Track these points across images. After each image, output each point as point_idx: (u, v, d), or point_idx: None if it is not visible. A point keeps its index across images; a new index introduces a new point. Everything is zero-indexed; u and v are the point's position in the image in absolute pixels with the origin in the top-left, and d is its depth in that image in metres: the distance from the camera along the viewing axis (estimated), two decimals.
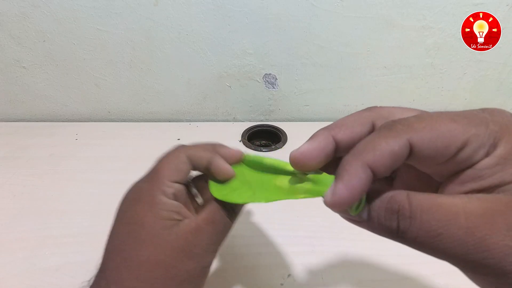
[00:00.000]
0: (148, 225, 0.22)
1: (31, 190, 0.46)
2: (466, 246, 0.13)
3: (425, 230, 0.14)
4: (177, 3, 0.52)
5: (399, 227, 0.15)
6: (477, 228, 0.13)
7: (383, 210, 0.15)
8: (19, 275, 0.34)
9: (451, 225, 0.14)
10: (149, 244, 0.22)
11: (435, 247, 0.14)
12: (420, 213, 0.14)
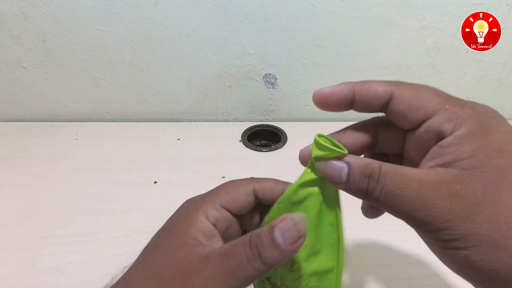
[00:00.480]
0: (173, 234, 0.21)
1: (31, 190, 0.46)
2: (413, 205, 0.17)
3: (385, 191, 0.17)
4: (177, 3, 0.52)
5: (368, 188, 0.18)
6: (426, 191, 0.16)
7: (359, 174, 0.19)
8: (19, 275, 0.34)
9: (406, 188, 0.17)
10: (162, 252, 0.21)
11: (391, 205, 0.17)
12: (385, 178, 0.17)
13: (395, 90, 0.19)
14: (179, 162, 0.52)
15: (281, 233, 0.18)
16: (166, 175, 0.49)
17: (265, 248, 0.18)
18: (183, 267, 0.19)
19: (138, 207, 0.43)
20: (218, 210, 0.22)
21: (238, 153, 0.55)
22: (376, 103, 0.20)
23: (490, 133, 0.17)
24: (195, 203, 0.23)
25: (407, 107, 0.19)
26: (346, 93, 0.21)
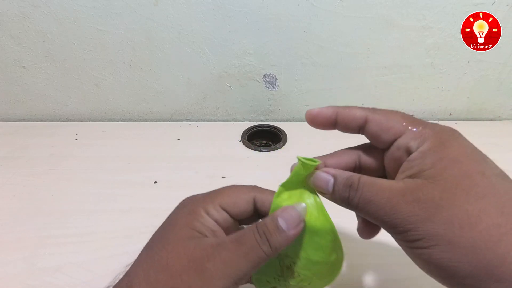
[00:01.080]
0: (179, 228, 0.22)
1: (31, 190, 0.46)
2: (385, 209, 0.20)
3: (362, 198, 0.20)
4: (177, 3, 0.52)
5: (349, 196, 0.21)
6: (394, 198, 0.19)
7: (342, 184, 0.22)
8: (19, 275, 0.34)
9: (378, 195, 0.20)
10: (169, 245, 0.21)
11: (367, 211, 0.20)
12: (362, 187, 0.21)
13: (369, 114, 0.23)
14: (179, 162, 0.52)
15: (284, 220, 0.22)
16: (166, 175, 0.49)
17: (271, 234, 0.21)
18: (195, 255, 0.20)
19: (138, 207, 0.43)
20: (218, 211, 0.23)
21: (238, 153, 0.55)
22: (354, 125, 0.23)
23: (446, 148, 0.20)
24: (197, 201, 0.24)
25: (379, 129, 0.22)
26: (330, 114, 0.24)
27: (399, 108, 0.73)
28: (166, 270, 0.20)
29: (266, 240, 0.21)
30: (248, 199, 0.25)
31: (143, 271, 0.21)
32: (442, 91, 0.64)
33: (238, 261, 0.20)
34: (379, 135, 0.22)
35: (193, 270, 0.20)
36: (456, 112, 0.67)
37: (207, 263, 0.20)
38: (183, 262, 0.20)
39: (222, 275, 0.20)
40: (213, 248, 0.21)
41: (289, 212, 0.22)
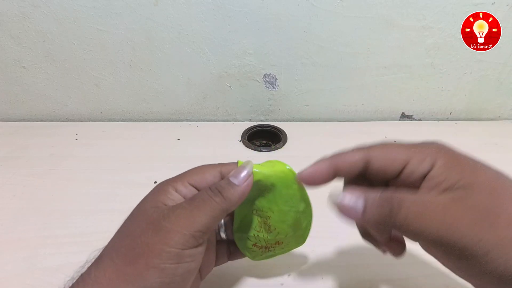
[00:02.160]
0: (145, 203, 0.24)
1: (31, 190, 0.46)
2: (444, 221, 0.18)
3: (411, 212, 0.19)
4: (177, 3, 0.52)
5: (392, 212, 0.19)
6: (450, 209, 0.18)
7: (377, 200, 0.20)
8: (19, 275, 0.34)
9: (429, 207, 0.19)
10: (135, 219, 0.23)
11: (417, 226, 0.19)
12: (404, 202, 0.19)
13: (367, 154, 0.23)
14: (179, 162, 0.52)
15: (235, 177, 0.24)
16: (166, 175, 0.48)
17: (224, 188, 0.23)
18: (153, 218, 0.22)
19: None
20: (186, 187, 0.25)
21: (238, 153, 0.55)
22: (356, 170, 0.23)
23: (459, 159, 0.21)
24: (166, 181, 0.26)
25: (384, 164, 0.22)
26: (326, 171, 0.23)
27: (399, 108, 0.73)
28: (128, 236, 0.22)
29: (218, 192, 0.23)
30: (215, 174, 0.25)
31: (112, 243, 0.23)
32: (442, 91, 0.64)
33: (192, 214, 0.21)
34: (386, 169, 0.22)
35: (151, 230, 0.21)
36: (456, 112, 0.67)
37: (162, 221, 0.21)
38: (142, 225, 0.22)
39: (178, 229, 0.21)
40: (169, 209, 0.22)
41: (239, 170, 0.24)
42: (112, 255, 0.21)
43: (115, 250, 0.22)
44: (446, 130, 0.63)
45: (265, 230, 0.28)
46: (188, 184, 0.25)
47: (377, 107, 0.66)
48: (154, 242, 0.20)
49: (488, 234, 0.18)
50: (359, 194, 0.21)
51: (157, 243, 0.20)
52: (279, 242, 0.29)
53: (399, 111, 0.66)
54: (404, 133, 0.61)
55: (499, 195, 0.19)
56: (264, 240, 0.28)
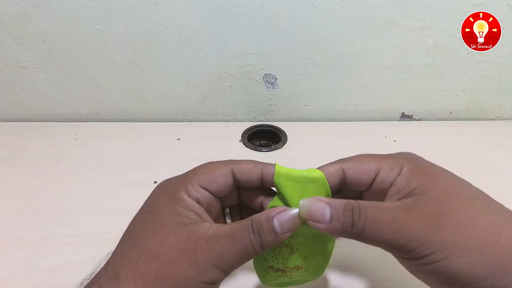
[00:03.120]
0: (164, 216, 0.22)
1: (31, 190, 0.46)
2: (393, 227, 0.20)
3: (369, 219, 0.20)
4: (177, 3, 0.52)
5: (353, 221, 0.21)
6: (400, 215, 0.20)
7: (342, 210, 0.21)
8: (19, 275, 0.34)
9: (384, 214, 0.20)
10: (157, 235, 0.21)
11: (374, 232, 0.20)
12: (365, 209, 0.21)
13: (343, 166, 0.24)
14: (179, 162, 0.52)
15: (280, 223, 0.22)
16: (166, 175, 0.48)
17: (265, 234, 0.21)
18: (188, 247, 0.20)
19: (138, 207, 0.43)
20: (198, 190, 0.24)
21: (238, 153, 0.55)
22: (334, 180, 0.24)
23: (422, 168, 0.22)
24: (174, 184, 0.24)
25: (358, 173, 0.24)
26: None
27: (399, 108, 0.73)
28: (157, 261, 0.20)
29: (259, 242, 0.21)
30: (226, 173, 0.25)
31: (130, 262, 0.20)
32: (442, 91, 0.64)
33: (231, 258, 0.21)
34: (360, 179, 0.24)
35: (187, 261, 0.20)
36: (456, 112, 0.67)
37: (200, 256, 0.20)
38: (175, 252, 0.20)
39: (215, 268, 0.20)
40: (207, 242, 0.21)
41: (285, 216, 0.22)
42: (136, 280, 0.20)
43: (139, 275, 0.20)
44: (446, 130, 0.63)
45: (285, 252, 0.25)
46: (198, 187, 0.24)
47: (377, 107, 0.66)
48: (193, 277, 0.20)
49: (433, 237, 0.19)
50: (327, 202, 0.22)
51: (196, 278, 0.20)
52: (298, 267, 0.26)
53: (399, 111, 0.66)
54: (404, 133, 0.61)
55: (450, 202, 0.20)
56: (283, 263, 0.26)
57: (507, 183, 0.48)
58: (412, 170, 0.22)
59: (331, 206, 0.22)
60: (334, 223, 0.21)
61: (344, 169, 0.24)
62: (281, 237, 0.22)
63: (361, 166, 0.24)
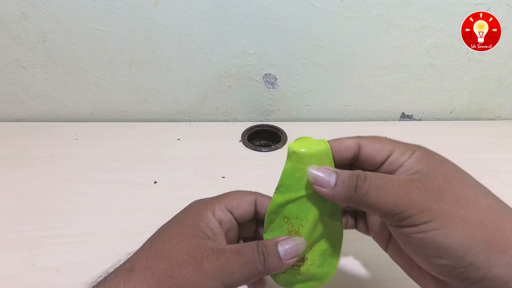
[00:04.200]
0: (185, 226, 0.24)
1: (31, 190, 0.46)
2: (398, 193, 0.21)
3: (373, 184, 0.21)
4: (177, 3, 0.52)
5: (357, 184, 0.22)
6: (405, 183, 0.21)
7: (347, 176, 0.23)
8: (19, 275, 0.34)
9: (389, 181, 0.22)
10: (174, 239, 0.23)
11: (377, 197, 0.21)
12: (370, 176, 0.22)
13: (360, 141, 0.26)
14: (179, 162, 0.52)
15: (284, 249, 0.23)
16: (166, 175, 0.49)
17: (269, 256, 0.23)
18: (196, 253, 0.22)
19: (138, 207, 0.43)
20: (224, 212, 0.26)
21: (238, 153, 0.55)
22: (349, 153, 0.26)
23: (431, 155, 0.24)
24: (205, 203, 0.26)
25: (373, 151, 0.25)
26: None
27: (399, 108, 0.73)
28: (167, 260, 0.22)
29: (263, 261, 0.23)
30: (251, 201, 0.27)
31: (146, 258, 0.23)
32: (442, 91, 0.64)
33: (233, 270, 0.22)
34: (373, 156, 0.25)
35: (192, 265, 0.22)
36: (456, 111, 0.67)
37: (205, 262, 0.22)
38: (184, 256, 0.22)
39: (216, 277, 0.22)
40: (213, 252, 0.22)
41: (290, 243, 0.24)
42: (146, 273, 0.22)
43: (150, 269, 0.22)
44: (446, 130, 0.63)
45: None
46: (225, 208, 0.26)
47: (377, 107, 0.66)
48: (193, 281, 0.21)
49: (432, 206, 0.20)
50: (334, 170, 0.24)
51: (196, 282, 0.21)
52: (304, 258, 0.27)
53: (399, 111, 0.66)
54: (404, 133, 0.61)
55: (452, 181, 0.21)
56: None
57: (507, 183, 0.48)
58: (422, 155, 0.23)
59: (337, 173, 0.23)
60: (338, 187, 0.23)
61: (361, 144, 0.25)
62: (285, 262, 0.23)
63: (377, 145, 0.25)
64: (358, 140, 0.26)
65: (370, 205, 0.22)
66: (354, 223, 0.30)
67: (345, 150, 0.25)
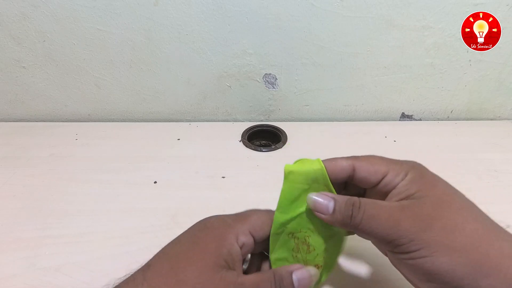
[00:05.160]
0: (207, 254, 0.24)
1: (31, 190, 0.46)
2: (388, 223, 0.22)
3: (366, 214, 0.23)
4: (177, 3, 0.52)
5: (352, 214, 0.24)
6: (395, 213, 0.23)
7: (344, 204, 0.24)
8: (19, 275, 0.34)
9: (381, 211, 0.23)
10: (196, 269, 0.23)
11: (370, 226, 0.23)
12: (364, 206, 0.24)
13: (355, 162, 0.26)
14: (179, 162, 0.52)
15: (297, 279, 0.25)
16: (166, 175, 0.49)
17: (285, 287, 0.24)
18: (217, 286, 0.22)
19: (138, 207, 0.43)
20: (247, 236, 0.26)
21: (238, 153, 0.55)
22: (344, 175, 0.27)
23: (424, 176, 0.25)
24: (227, 225, 0.26)
25: (368, 173, 0.26)
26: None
27: (399, 108, 0.73)
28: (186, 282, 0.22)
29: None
30: (269, 222, 0.27)
31: (166, 285, 0.22)
32: (442, 91, 0.64)
33: None
34: (368, 178, 0.26)
35: None
36: (456, 112, 0.67)
37: None
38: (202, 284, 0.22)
39: None
40: (235, 286, 0.23)
41: (304, 274, 0.25)
42: None
43: None
44: (446, 130, 0.63)
45: (303, 249, 0.28)
46: (248, 233, 0.26)
47: (377, 107, 0.66)
48: None
49: (421, 236, 0.21)
50: (332, 197, 0.25)
51: None
52: (318, 265, 0.28)
53: (399, 111, 0.66)
54: (404, 133, 0.61)
55: (442, 208, 0.23)
56: (303, 261, 0.28)
57: (507, 183, 0.48)
58: (415, 177, 0.25)
59: (335, 200, 0.25)
60: (336, 214, 0.25)
61: (356, 166, 0.26)
62: None
63: (371, 168, 0.26)
64: (353, 162, 0.26)
65: (365, 232, 0.24)
66: None
67: (340, 171, 0.26)
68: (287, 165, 0.27)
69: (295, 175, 0.26)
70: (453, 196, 0.24)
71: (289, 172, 0.26)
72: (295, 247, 0.27)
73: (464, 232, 0.21)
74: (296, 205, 0.27)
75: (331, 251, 0.28)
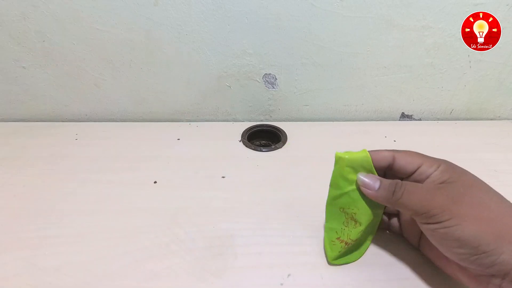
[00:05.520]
0: None
1: (31, 190, 0.46)
2: (426, 197, 0.28)
3: (407, 190, 0.29)
4: (177, 3, 0.52)
5: (395, 190, 0.29)
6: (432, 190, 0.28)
7: (388, 183, 0.30)
8: (19, 275, 0.34)
9: (419, 188, 0.29)
10: None
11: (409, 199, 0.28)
12: (405, 185, 0.29)
13: (395, 153, 0.32)
14: (179, 162, 0.52)
15: None
16: (166, 175, 0.49)
17: None
18: None
19: (138, 207, 0.43)
20: None
21: (238, 153, 0.55)
22: (385, 162, 0.32)
23: (454, 168, 0.30)
24: None
25: (405, 163, 0.31)
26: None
27: (399, 108, 0.73)
28: None
29: None
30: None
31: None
32: (442, 91, 0.64)
33: None
34: (405, 167, 0.31)
35: None
36: (456, 111, 0.67)
37: None
38: None
39: None
40: None
41: None
42: None
43: None
44: (446, 130, 0.63)
45: (351, 224, 0.33)
46: None
47: (377, 107, 0.66)
48: None
49: (451, 208, 0.26)
50: (378, 178, 0.31)
51: None
52: (357, 240, 0.33)
53: (399, 111, 0.66)
54: (404, 133, 0.61)
55: (470, 188, 0.27)
56: (348, 235, 0.33)
57: (507, 183, 0.48)
58: (447, 168, 0.29)
59: (381, 180, 0.31)
60: (380, 191, 0.30)
61: (395, 156, 0.31)
62: None
63: (408, 158, 0.31)
64: (393, 153, 0.32)
65: (403, 205, 0.28)
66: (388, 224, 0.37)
67: (382, 159, 0.31)
68: (338, 152, 0.32)
69: (344, 160, 0.31)
70: (480, 182, 0.29)
71: (339, 157, 0.31)
72: (345, 221, 0.33)
73: (490, 208, 0.26)
74: (344, 184, 0.32)
75: (368, 232, 0.34)
